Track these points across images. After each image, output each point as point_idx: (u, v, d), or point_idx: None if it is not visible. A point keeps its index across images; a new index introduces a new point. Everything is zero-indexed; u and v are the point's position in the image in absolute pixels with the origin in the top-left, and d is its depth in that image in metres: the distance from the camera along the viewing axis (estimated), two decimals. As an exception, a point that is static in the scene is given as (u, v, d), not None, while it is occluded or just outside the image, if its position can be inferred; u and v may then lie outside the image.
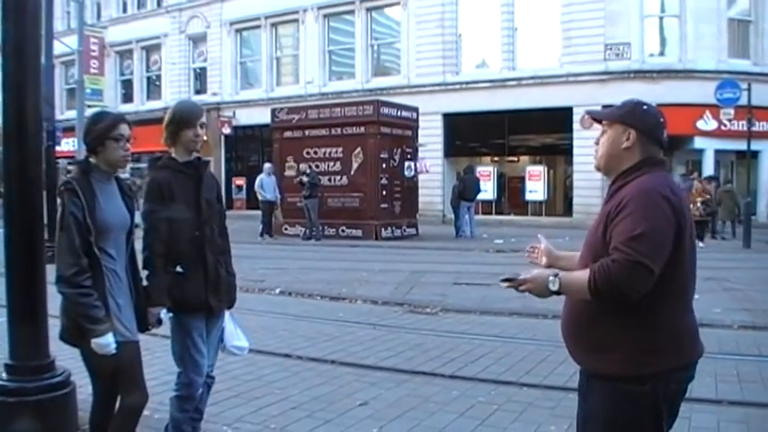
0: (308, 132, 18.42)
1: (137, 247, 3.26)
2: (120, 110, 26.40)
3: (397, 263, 12.64)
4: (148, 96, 32.25)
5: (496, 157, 24.88)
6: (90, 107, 18.66)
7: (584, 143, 20.63)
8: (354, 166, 17.58)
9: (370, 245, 16.22)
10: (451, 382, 5.17)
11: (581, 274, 2.20)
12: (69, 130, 21.70)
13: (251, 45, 29.47)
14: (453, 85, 23.72)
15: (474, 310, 8.01)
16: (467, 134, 24.32)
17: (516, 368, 5.53)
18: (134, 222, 3.22)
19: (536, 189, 23.15)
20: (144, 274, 3.31)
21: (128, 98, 32.60)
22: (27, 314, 3.47)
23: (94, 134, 3.06)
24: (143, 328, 3.25)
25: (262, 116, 23.50)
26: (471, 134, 24.31)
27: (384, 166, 17.60)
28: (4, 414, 3.36)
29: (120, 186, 3.20)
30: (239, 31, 29.40)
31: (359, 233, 17.40)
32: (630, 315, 2.19)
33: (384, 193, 17.59)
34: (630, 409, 2.22)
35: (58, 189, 3.08)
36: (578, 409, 2.42)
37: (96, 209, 2.98)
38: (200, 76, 30.82)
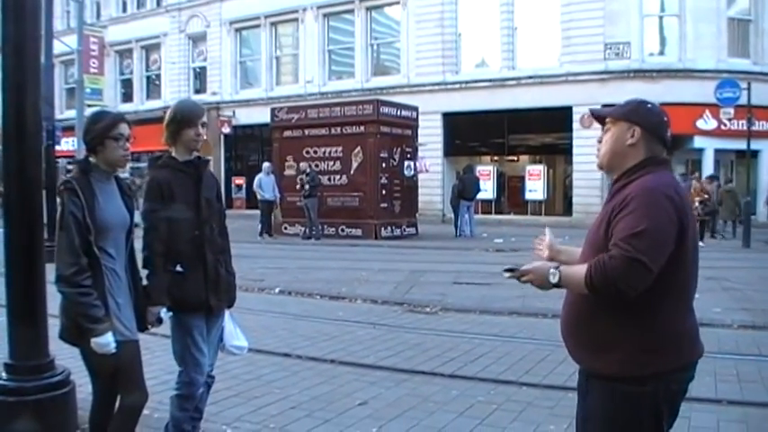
0: (307, 132, 18.43)
1: (136, 246, 3.26)
2: (120, 109, 26.41)
3: (396, 262, 12.65)
4: (148, 96, 32.25)
5: (496, 157, 24.90)
6: (90, 106, 18.65)
7: (583, 142, 20.68)
8: (354, 165, 17.58)
9: (370, 244, 16.22)
10: (451, 382, 5.17)
11: (580, 268, 2.21)
12: (69, 130, 21.71)
13: (250, 44, 29.47)
14: (453, 84, 23.72)
15: (473, 309, 7.99)
16: (466, 133, 24.33)
17: (516, 367, 5.53)
18: (133, 222, 3.22)
19: (536, 188, 23.17)
20: (144, 273, 3.31)
21: (127, 98, 32.62)
22: (26, 313, 3.47)
23: (94, 133, 3.07)
24: (142, 328, 3.26)
25: (261, 115, 23.51)
26: (471, 133, 24.32)
27: (384, 165, 17.60)
28: (4, 413, 3.36)
29: (120, 186, 3.20)
30: (239, 30, 29.40)
31: (358, 232, 17.41)
32: (631, 314, 2.18)
33: (384, 192, 17.59)
34: (631, 410, 2.21)
35: (57, 188, 3.08)
36: (577, 408, 2.42)
37: (96, 208, 2.98)
38: (199, 75, 30.83)
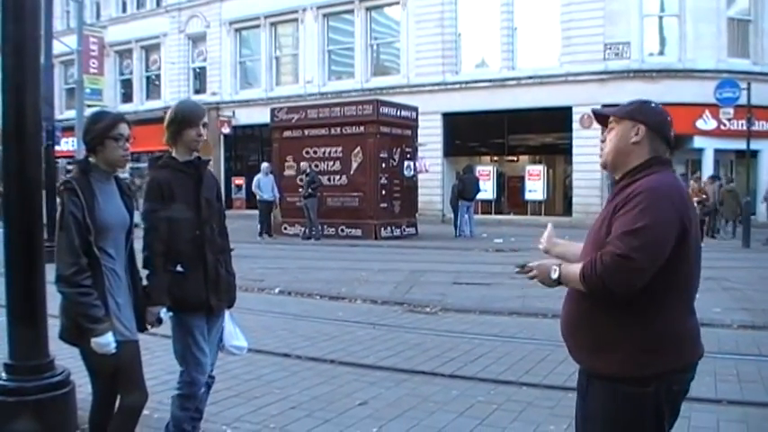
0: (307, 132, 18.43)
1: (136, 246, 3.26)
2: (120, 109, 26.43)
3: (396, 262, 12.65)
4: (148, 96, 32.26)
5: (496, 157, 24.91)
6: (89, 107, 18.65)
7: (583, 143, 20.67)
8: (354, 165, 17.58)
9: (370, 244, 16.22)
10: (451, 382, 5.17)
11: (578, 266, 2.22)
12: (69, 130, 21.74)
13: (250, 45, 29.48)
14: (453, 84, 23.73)
15: (473, 309, 8.00)
16: (466, 134, 24.33)
17: (516, 367, 5.53)
18: (133, 222, 3.22)
19: (535, 189, 23.18)
20: (144, 273, 3.31)
21: (127, 98, 32.62)
22: (26, 314, 3.47)
23: (94, 134, 3.07)
24: (142, 328, 3.26)
25: (261, 116, 23.51)
26: (471, 134, 24.33)
27: (383, 165, 17.60)
28: (4, 413, 3.36)
29: (120, 186, 3.20)
30: (239, 30, 29.41)
31: (358, 233, 17.40)
32: (632, 314, 2.18)
33: (383, 192, 17.59)
34: (632, 410, 2.21)
35: (57, 188, 3.08)
36: (576, 407, 2.42)
37: (96, 208, 2.98)
38: (199, 75, 30.83)
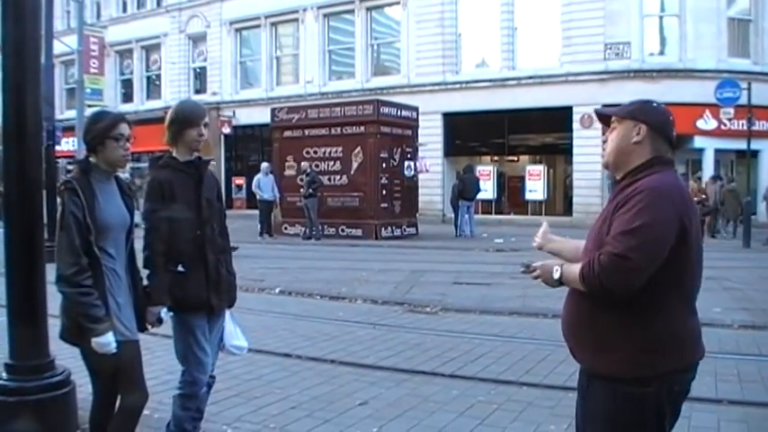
0: (307, 132, 18.43)
1: (136, 246, 3.26)
2: (120, 109, 26.43)
3: (396, 262, 12.64)
4: (148, 96, 32.26)
5: (496, 157, 24.90)
6: (90, 107, 18.67)
7: (584, 142, 20.66)
8: (354, 165, 17.59)
9: (370, 244, 16.22)
10: (451, 382, 5.17)
11: (578, 266, 2.22)
12: (69, 130, 21.73)
13: (251, 44, 29.48)
14: (453, 84, 23.72)
15: (474, 309, 8.00)
16: (467, 134, 24.33)
17: (516, 367, 5.53)
18: (133, 222, 3.22)
19: (536, 188, 23.17)
20: (144, 273, 3.31)
21: (127, 98, 32.62)
22: (27, 314, 3.47)
23: (94, 133, 3.07)
24: (143, 328, 3.26)
25: (261, 116, 23.52)
26: (471, 134, 24.32)
27: (384, 165, 17.61)
28: (5, 413, 3.36)
29: (120, 186, 3.21)
30: (239, 30, 29.41)
31: (359, 233, 17.40)
32: (633, 314, 2.18)
33: (384, 192, 17.59)
34: (633, 411, 2.21)
35: (58, 188, 3.08)
36: (577, 407, 2.42)
37: (96, 208, 2.98)
38: (199, 75, 30.83)
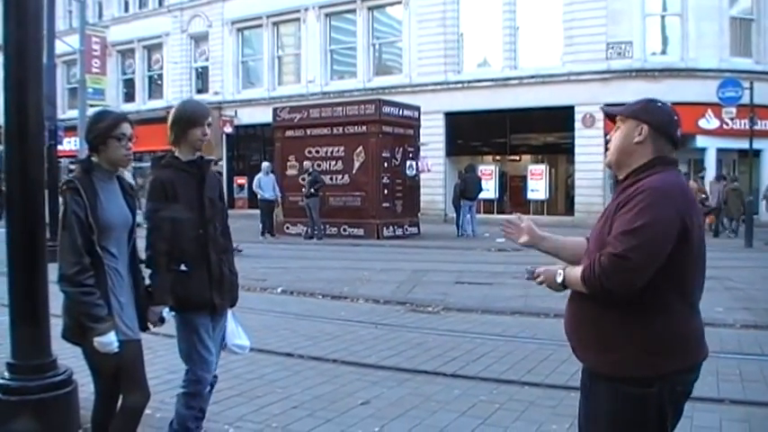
0: (309, 131, 18.44)
1: (138, 245, 3.27)
2: (122, 109, 26.38)
3: (398, 262, 12.65)
4: (150, 95, 32.26)
5: (498, 156, 24.87)
6: (92, 106, 18.68)
7: (585, 142, 20.65)
8: (356, 165, 17.59)
9: (372, 244, 16.23)
10: (453, 381, 5.17)
11: (580, 268, 2.22)
12: (71, 130, 21.76)
13: (252, 44, 29.48)
14: (455, 84, 23.71)
15: (475, 308, 8.00)
16: (468, 133, 24.31)
17: (518, 367, 5.53)
18: (136, 221, 3.23)
19: (538, 188, 23.14)
20: (147, 272, 3.31)
21: (129, 97, 32.63)
22: (29, 313, 3.48)
23: (96, 133, 3.07)
24: (144, 327, 3.26)
25: (263, 115, 23.51)
26: (473, 133, 24.30)
27: (386, 165, 17.61)
28: (7, 413, 3.36)
29: (122, 185, 3.21)
30: (241, 30, 29.40)
31: (360, 232, 17.41)
32: (634, 315, 2.17)
33: (386, 192, 17.60)
34: (635, 411, 2.20)
35: (60, 188, 3.09)
36: (580, 406, 2.42)
37: (98, 208, 2.98)
38: (201, 75, 30.83)
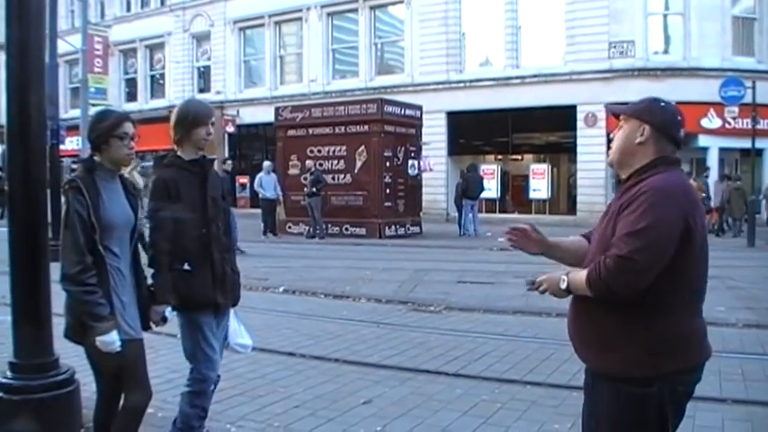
0: (311, 131, 18.45)
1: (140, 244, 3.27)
2: (124, 108, 26.39)
3: (400, 261, 12.65)
4: (152, 95, 32.28)
5: (500, 156, 24.86)
6: (94, 106, 18.67)
7: (587, 141, 20.64)
8: (358, 164, 17.59)
9: (374, 243, 16.23)
10: (455, 381, 5.16)
11: (584, 273, 2.21)
12: (73, 129, 21.77)
13: (255, 43, 29.48)
14: (457, 83, 23.70)
15: (477, 308, 8.01)
16: (470, 132, 24.29)
17: (520, 366, 5.52)
18: (138, 220, 3.23)
19: (540, 187, 23.14)
20: (149, 272, 3.31)
21: (131, 97, 32.66)
22: (31, 313, 3.48)
23: (99, 132, 3.07)
24: (147, 326, 3.26)
25: (265, 114, 23.50)
26: (475, 132, 24.28)
27: (388, 164, 17.61)
28: (9, 412, 3.37)
29: (124, 184, 3.21)
30: (243, 29, 29.41)
31: (362, 231, 17.41)
32: (636, 315, 2.17)
33: (388, 191, 17.60)
34: (635, 411, 2.20)
35: (62, 187, 3.09)
36: (583, 406, 2.42)
37: (101, 207, 2.98)
38: (203, 74, 30.84)
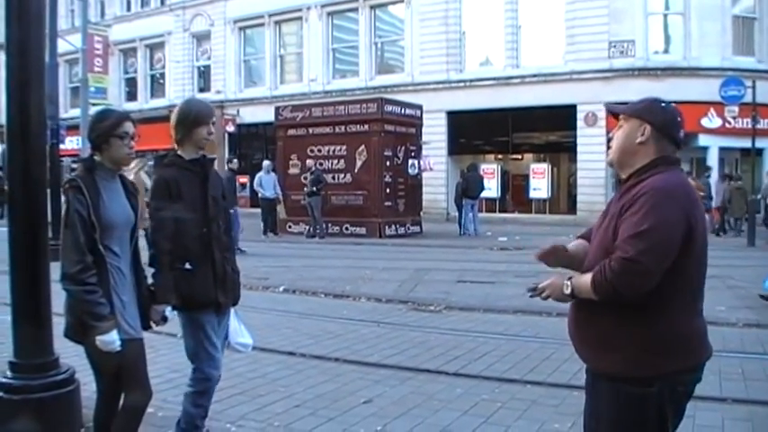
0: (311, 130, 18.45)
1: (140, 244, 3.27)
2: (124, 108, 26.41)
3: (400, 260, 12.65)
4: (152, 94, 32.27)
5: (500, 155, 24.86)
6: (94, 105, 18.67)
7: (587, 141, 20.62)
8: (358, 164, 17.60)
9: (374, 243, 16.23)
10: (455, 380, 5.16)
11: (588, 277, 2.20)
12: (73, 129, 21.78)
13: (255, 43, 29.47)
14: (457, 82, 23.69)
15: (478, 307, 8.01)
16: (470, 132, 24.29)
17: (520, 366, 5.52)
18: (138, 220, 3.23)
19: (540, 187, 23.13)
20: (150, 271, 3.31)
21: (132, 96, 32.66)
22: (31, 312, 3.48)
23: (99, 132, 3.07)
24: (147, 326, 3.26)
25: (265, 114, 23.49)
26: (475, 132, 24.28)
27: (388, 163, 17.62)
28: (9, 411, 3.37)
29: (125, 184, 3.21)
30: (243, 29, 29.40)
31: (363, 231, 17.41)
32: (637, 315, 2.17)
33: (388, 190, 17.60)
34: (635, 411, 2.20)
35: (62, 186, 3.09)
36: (585, 405, 2.42)
37: (101, 206, 2.98)
38: (203, 74, 30.83)
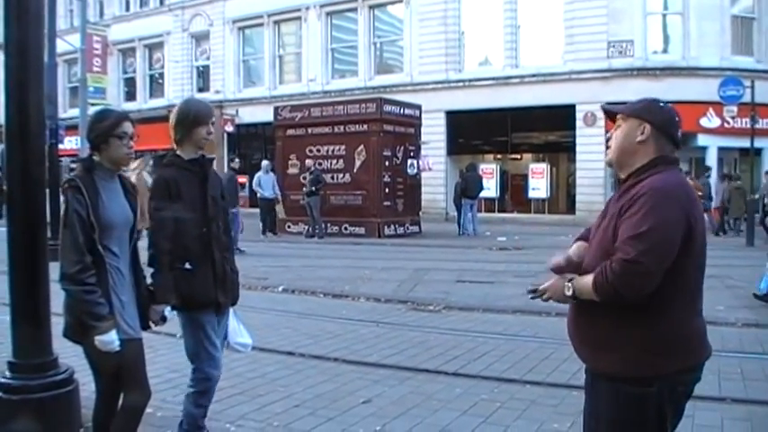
0: (310, 130, 18.45)
1: (140, 244, 3.27)
2: (123, 108, 26.39)
3: (399, 260, 12.65)
4: (151, 94, 32.25)
5: (499, 155, 24.86)
6: (93, 105, 18.68)
7: (586, 141, 20.63)
8: (357, 163, 17.60)
9: (373, 242, 16.23)
10: (454, 380, 5.17)
11: (589, 278, 2.20)
12: (72, 129, 21.78)
13: (254, 43, 29.46)
14: (456, 82, 23.69)
15: (477, 307, 8.02)
16: (470, 132, 24.28)
17: (519, 366, 5.53)
18: (137, 220, 3.22)
19: (539, 187, 23.13)
20: (149, 271, 3.31)
21: (131, 96, 32.64)
22: (30, 312, 3.48)
23: (98, 132, 3.07)
24: (146, 326, 3.26)
25: (265, 114, 23.49)
26: (474, 132, 24.27)
27: (387, 163, 17.62)
28: (8, 411, 3.37)
29: (124, 184, 3.21)
30: (242, 29, 29.39)
31: (362, 231, 17.41)
32: (636, 315, 2.17)
33: (387, 190, 17.60)
34: (635, 411, 2.21)
35: (61, 186, 3.09)
36: (584, 405, 2.42)
37: (100, 206, 2.99)
38: (202, 74, 30.82)
